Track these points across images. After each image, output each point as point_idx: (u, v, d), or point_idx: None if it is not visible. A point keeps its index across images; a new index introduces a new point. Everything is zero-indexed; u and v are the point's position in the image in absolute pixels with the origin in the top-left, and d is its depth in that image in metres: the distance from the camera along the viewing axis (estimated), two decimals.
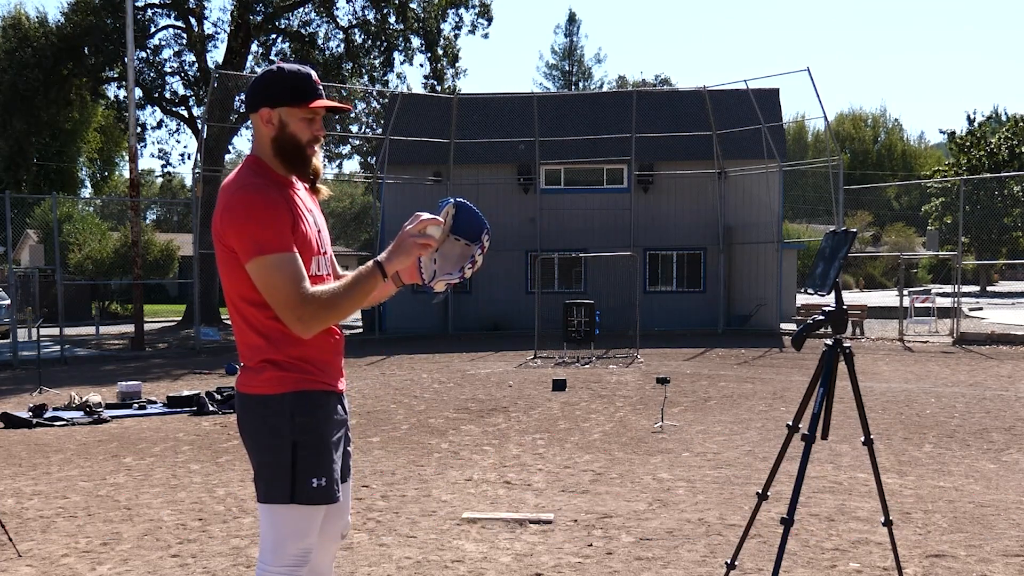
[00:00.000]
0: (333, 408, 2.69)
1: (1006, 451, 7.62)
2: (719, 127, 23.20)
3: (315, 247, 2.65)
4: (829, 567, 4.58)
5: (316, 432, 2.62)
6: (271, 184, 2.59)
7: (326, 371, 2.68)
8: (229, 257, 2.57)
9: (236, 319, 2.67)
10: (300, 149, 2.64)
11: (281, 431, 2.59)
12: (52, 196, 20.69)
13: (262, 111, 2.62)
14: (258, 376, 2.62)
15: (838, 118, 77.85)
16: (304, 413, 2.60)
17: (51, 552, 5.01)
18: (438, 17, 29.04)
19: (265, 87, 2.63)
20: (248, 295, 2.58)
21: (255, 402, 2.63)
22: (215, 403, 10.51)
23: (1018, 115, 49.07)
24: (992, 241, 45.49)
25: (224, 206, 2.56)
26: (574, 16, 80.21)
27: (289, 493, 2.58)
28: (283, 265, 2.50)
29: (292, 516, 2.61)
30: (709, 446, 7.94)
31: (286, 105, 2.61)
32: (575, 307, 16.76)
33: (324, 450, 2.63)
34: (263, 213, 2.51)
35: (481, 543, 5.06)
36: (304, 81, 2.64)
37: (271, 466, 2.62)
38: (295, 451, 2.58)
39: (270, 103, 2.61)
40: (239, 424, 2.71)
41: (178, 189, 65.37)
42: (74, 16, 28.07)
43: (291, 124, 2.63)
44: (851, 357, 3.77)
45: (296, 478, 2.58)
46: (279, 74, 2.64)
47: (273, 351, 2.60)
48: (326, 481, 2.61)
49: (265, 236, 2.49)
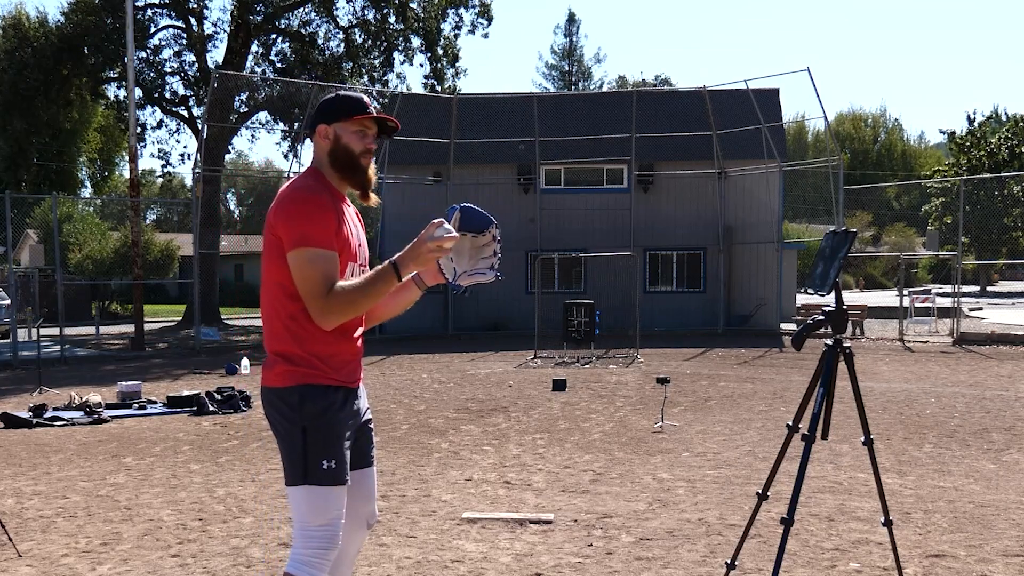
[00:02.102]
0: (343, 400, 2.94)
1: (1006, 451, 7.62)
2: (719, 127, 23.20)
3: (354, 254, 2.97)
4: (829, 567, 4.58)
5: (323, 419, 2.88)
6: (325, 190, 2.92)
7: (338, 369, 2.94)
8: (275, 245, 2.87)
9: (266, 305, 2.96)
10: (354, 158, 2.97)
11: (292, 419, 2.88)
12: (52, 196, 20.73)
13: (319, 127, 2.98)
14: (271, 371, 2.93)
15: (838, 118, 77.84)
16: (312, 403, 2.87)
17: (51, 552, 5.00)
18: (438, 17, 29.03)
19: (323, 108, 3.01)
20: (284, 283, 2.87)
21: (273, 395, 2.92)
22: (215, 403, 10.50)
23: (1018, 115, 49.06)
24: (992, 241, 45.44)
25: (280, 202, 2.89)
26: (574, 16, 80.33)
27: (303, 475, 2.87)
28: (320, 260, 2.80)
29: (309, 496, 2.87)
30: (709, 446, 7.94)
31: (339, 120, 2.96)
32: (575, 307, 16.76)
33: (332, 435, 2.89)
34: (313, 210, 2.84)
35: (481, 543, 5.06)
36: (354, 100, 3.01)
37: (289, 451, 2.91)
38: (305, 436, 2.87)
39: (326, 120, 2.98)
40: (265, 414, 3.01)
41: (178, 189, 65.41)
42: (74, 16, 28.06)
43: (344, 136, 2.97)
44: (851, 357, 3.77)
45: (308, 461, 2.86)
46: (335, 98, 3.02)
47: (290, 342, 2.89)
48: (335, 463, 2.88)
49: (310, 231, 2.81)
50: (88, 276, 34.47)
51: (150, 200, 52.88)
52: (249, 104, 30.26)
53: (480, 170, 24.26)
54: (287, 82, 26.86)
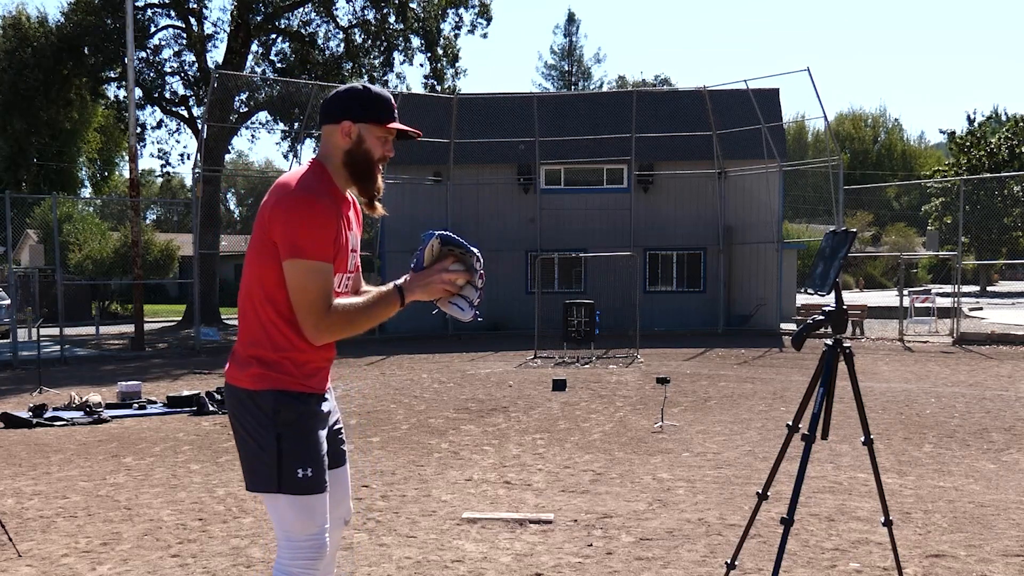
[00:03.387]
0: (315, 405, 2.80)
1: (1006, 451, 7.62)
2: (719, 127, 23.19)
3: (345, 264, 2.77)
4: (829, 567, 4.58)
5: (299, 425, 2.73)
6: (327, 194, 2.69)
7: (310, 376, 2.79)
8: (267, 248, 2.67)
9: (246, 307, 2.77)
10: (371, 164, 2.77)
11: (266, 424, 2.71)
12: (52, 196, 20.72)
13: (344, 123, 2.73)
14: (244, 371, 2.74)
15: (838, 118, 77.83)
16: (286, 409, 2.72)
17: (51, 552, 5.00)
18: (438, 17, 29.04)
19: (352, 102, 2.75)
20: (268, 288, 2.69)
21: (244, 396, 2.74)
22: (215, 403, 10.50)
23: (1018, 115, 49.04)
24: (992, 241, 45.44)
25: (279, 200, 2.66)
26: (573, 16, 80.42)
27: (276, 482, 2.70)
28: (318, 273, 2.62)
29: (292, 506, 2.72)
30: (709, 446, 7.94)
31: (368, 122, 2.74)
32: (575, 307, 16.75)
33: (309, 442, 2.74)
34: (315, 220, 2.62)
35: (481, 543, 5.06)
36: (388, 103, 2.79)
37: (256, 455, 2.73)
38: (280, 443, 2.70)
39: (353, 117, 2.73)
40: (228, 411, 2.83)
41: (178, 189, 65.44)
42: (74, 16, 28.06)
43: (368, 140, 2.75)
44: (851, 357, 3.77)
45: (282, 468, 2.70)
46: (366, 93, 2.77)
47: (268, 348, 2.71)
48: (312, 472, 2.72)
49: (310, 241, 2.61)
50: (88, 276, 34.47)
51: (150, 200, 52.88)
52: (249, 104, 30.29)
53: (480, 170, 24.26)
54: (287, 82, 26.86)
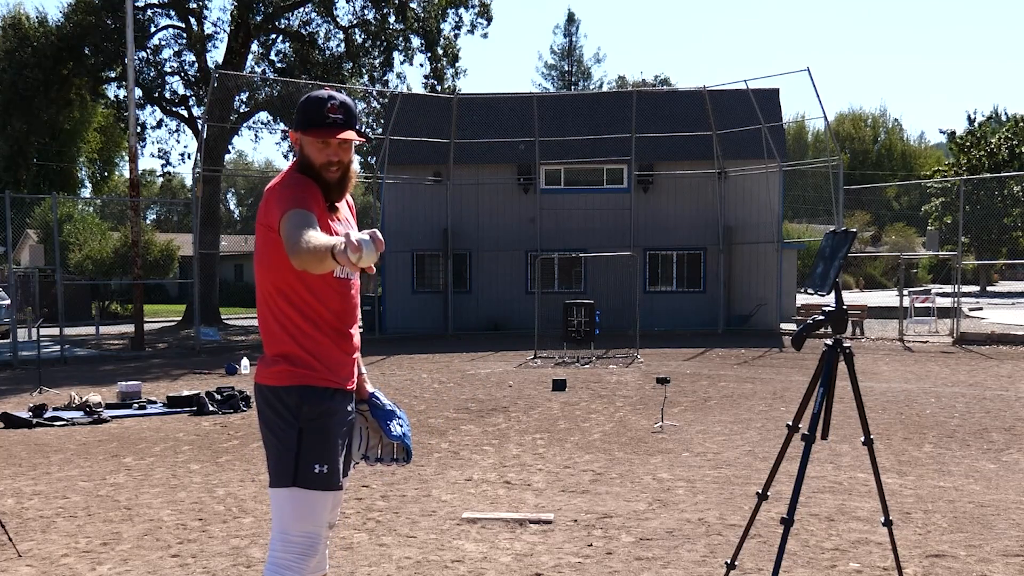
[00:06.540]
0: (339, 404, 2.89)
1: (1006, 451, 7.62)
2: (719, 127, 23.19)
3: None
4: (829, 567, 4.58)
5: (320, 422, 2.82)
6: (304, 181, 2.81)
7: (335, 370, 2.88)
8: (270, 240, 2.74)
9: (264, 312, 2.89)
10: (315, 171, 2.82)
11: (289, 419, 2.81)
12: (52, 196, 20.69)
13: (293, 133, 2.87)
14: (270, 369, 2.86)
15: (838, 118, 77.83)
16: (310, 405, 2.81)
17: (51, 552, 5.00)
18: (438, 17, 29.04)
19: (297, 111, 2.85)
20: (280, 285, 2.79)
21: (269, 392, 2.85)
22: (215, 403, 10.50)
23: (1018, 115, 49.06)
24: (992, 241, 45.45)
25: (267, 196, 2.80)
26: (573, 16, 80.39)
27: (292, 477, 2.79)
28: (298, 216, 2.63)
29: (294, 500, 2.80)
30: (709, 446, 7.94)
31: (300, 130, 2.81)
32: (575, 307, 16.75)
33: (328, 440, 2.83)
34: (297, 188, 2.74)
35: (481, 543, 5.06)
36: (314, 107, 2.78)
37: (278, 451, 2.83)
38: (300, 438, 2.79)
39: (295, 126, 2.84)
40: (256, 411, 2.95)
41: (178, 189, 65.43)
42: (74, 16, 28.07)
43: (307, 147, 2.82)
44: (851, 357, 3.77)
45: (299, 463, 2.79)
46: (302, 101, 2.83)
47: (290, 344, 2.82)
48: (327, 469, 2.81)
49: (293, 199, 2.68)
50: (88, 276, 34.46)
51: (150, 200, 52.90)
52: (249, 104, 30.29)
53: (480, 170, 24.25)
54: (287, 82, 26.86)
